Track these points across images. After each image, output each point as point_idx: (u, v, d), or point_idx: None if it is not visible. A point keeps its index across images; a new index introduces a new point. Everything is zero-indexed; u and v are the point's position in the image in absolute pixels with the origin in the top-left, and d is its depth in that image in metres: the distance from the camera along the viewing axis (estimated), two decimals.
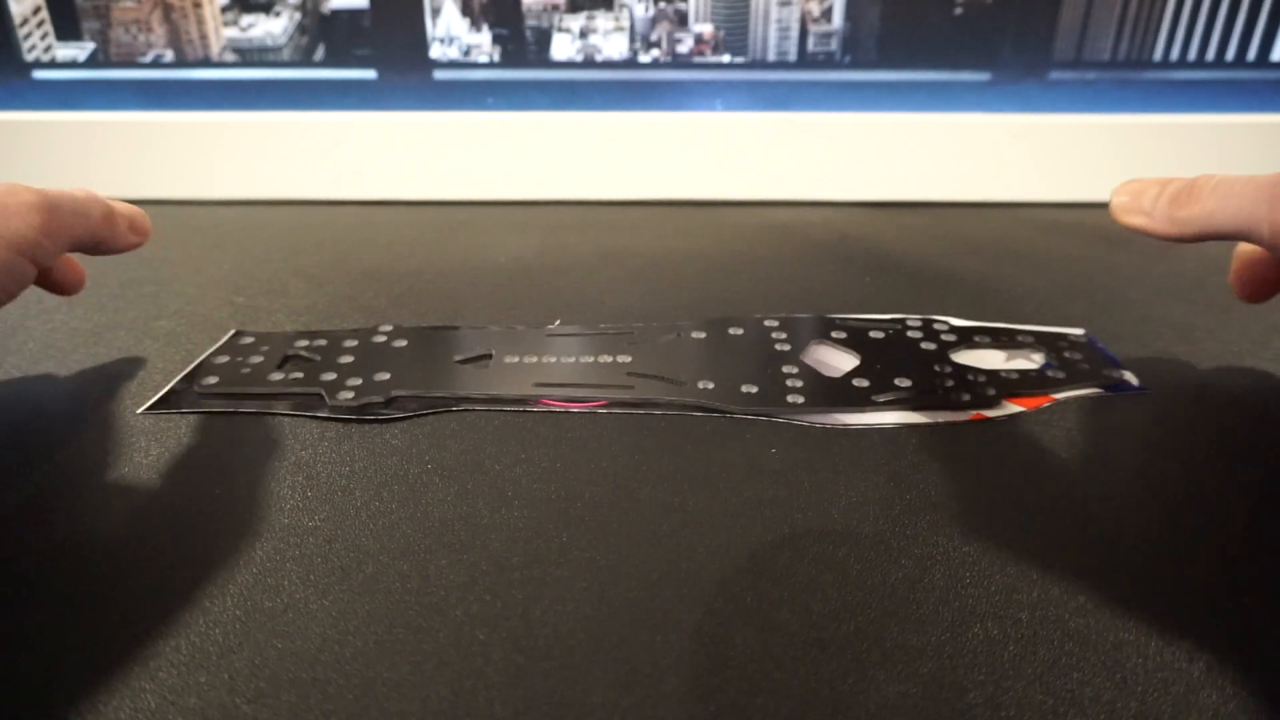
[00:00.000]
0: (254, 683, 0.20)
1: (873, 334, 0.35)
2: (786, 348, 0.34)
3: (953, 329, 0.36)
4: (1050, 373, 0.33)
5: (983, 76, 0.55)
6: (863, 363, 0.33)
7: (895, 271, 0.44)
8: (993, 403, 0.31)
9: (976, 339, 0.35)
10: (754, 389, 0.31)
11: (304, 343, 0.34)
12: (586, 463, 0.28)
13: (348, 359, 0.33)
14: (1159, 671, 0.20)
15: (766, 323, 0.36)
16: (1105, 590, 0.23)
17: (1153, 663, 0.21)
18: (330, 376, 0.32)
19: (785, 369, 0.32)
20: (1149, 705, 0.20)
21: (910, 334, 0.35)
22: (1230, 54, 0.54)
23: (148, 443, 0.29)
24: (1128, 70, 0.54)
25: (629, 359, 0.33)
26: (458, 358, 0.33)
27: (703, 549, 0.24)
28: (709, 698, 0.20)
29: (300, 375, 0.32)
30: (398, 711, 0.19)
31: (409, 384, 0.31)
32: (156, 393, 0.32)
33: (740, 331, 0.35)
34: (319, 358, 0.33)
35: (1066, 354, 0.34)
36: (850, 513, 0.26)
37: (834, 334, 0.35)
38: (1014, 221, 0.51)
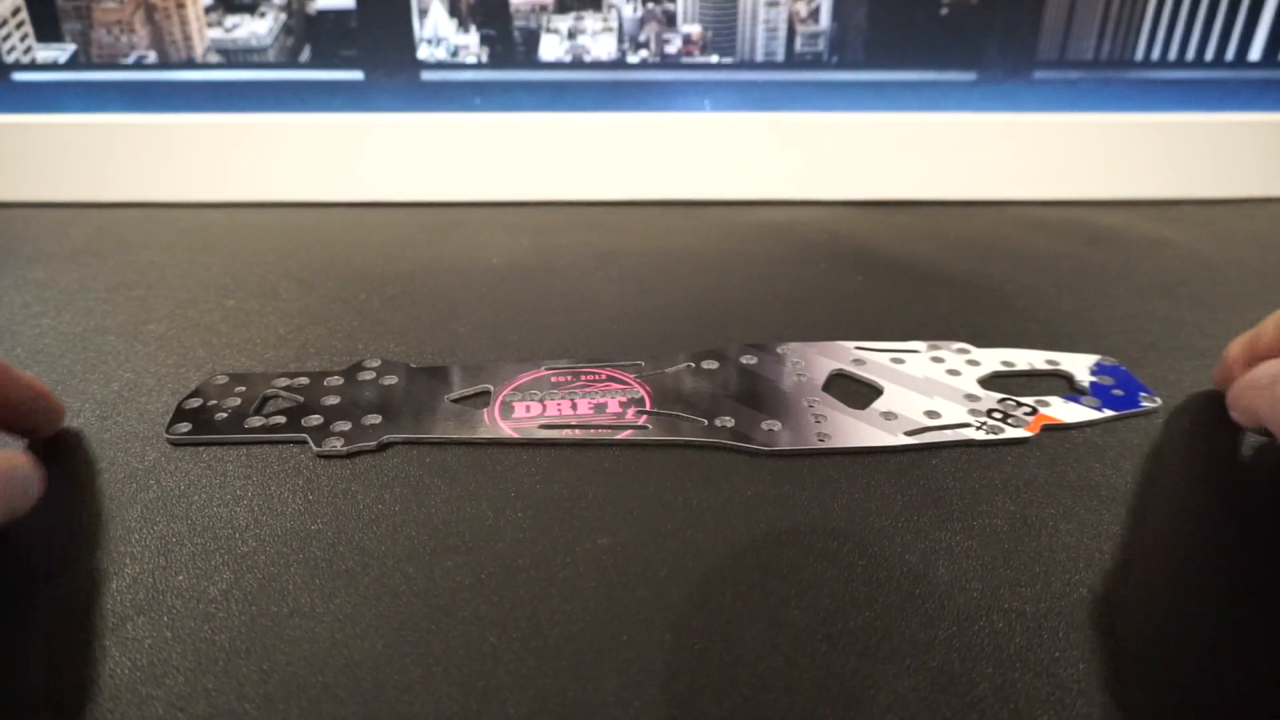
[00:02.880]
0: (262, 689, 0.20)
1: (893, 362, 0.33)
2: (805, 378, 0.32)
3: (974, 360, 0.34)
4: (1082, 402, 0.31)
5: (968, 76, 0.55)
6: (887, 394, 0.31)
7: (886, 269, 0.45)
8: (1022, 424, 0.30)
9: (1003, 364, 0.34)
10: (776, 425, 0.29)
11: (284, 382, 0.32)
12: (589, 462, 0.28)
13: (332, 399, 0.30)
14: (1163, 660, 0.21)
15: (780, 350, 0.34)
16: (1108, 583, 0.23)
17: (1157, 651, 0.21)
18: (315, 420, 0.29)
19: (806, 400, 0.31)
20: (1155, 694, 0.20)
21: (934, 361, 0.34)
22: (1210, 54, 0.54)
23: (143, 448, 0.29)
24: (1110, 70, 0.55)
25: (640, 394, 0.31)
26: (452, 396, 0.31)
27: (708, 547, 0.24)
28: (721, 695, 0.20)
29: (282, 419, 0.29)
30: (409, 715, 0.19)
31: (402, 427, 0.29)
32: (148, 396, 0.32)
33: (754, 361, 0.33)
34: (301, 398, 0.31)
35: (1095, 379, 0.33)
36: (853, 508, 0.26)
37: (854, 361, 0.33)
38: (1001, 219, 0.52)
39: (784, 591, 0.23)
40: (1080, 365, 0.34)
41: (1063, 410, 0.31)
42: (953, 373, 0.33)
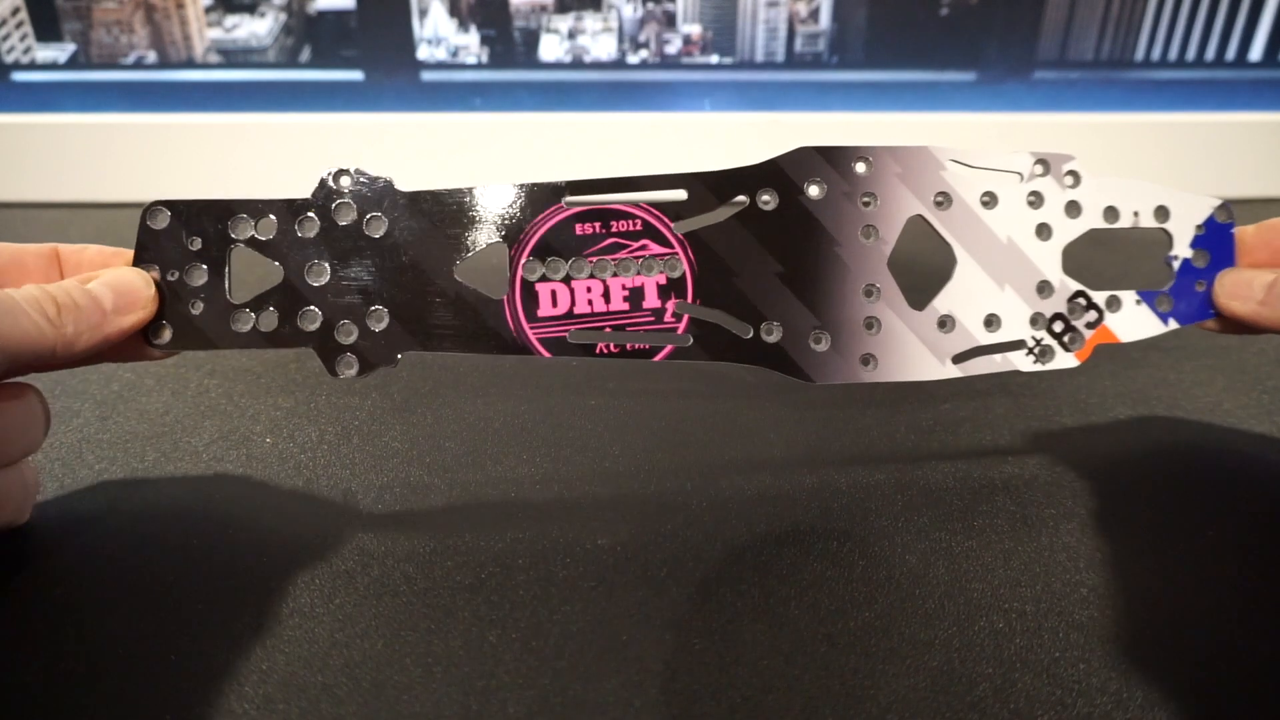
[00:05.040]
0: (262, 688, 0.20)
1: (983, 204, 0.27)
2: (875, 236, 0.27)
3: (1075, 204, 0.28)
4: (1155, 304, 0.29)
5: (968, 76, 0.55)
6: (957, 276, 0.27)
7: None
8: (1078, 342, 0.27)
9: (1105, 218, 0.29)
10: (825, 342, 0.26)
11: (247, 230, 0.25)
12: (588, 463, 0.28)
13: (319, 270, 0.25)
14: (1164, 660, 0.21)
15: (857, 169, 0.27)
16: (1108, 582, 0.23)
17: (1158, 652, 0.21)
18: (314, 318, 0.25)
19: (866, 289, 0.26)
20: (1154, 693, 0.20)
21: (1029, 206, 0.28)
22: (1210, 54, 0.54)
23: (143, 447, 0.29)
24: (1110, 70, 0.55)
25: (681, 268, 0.26)
26: (460, 262, 0.25)
27: (708, 547, 0.24)
28: (720, 695, 0.20)
29: (274, 314, 0.25)
30: (409, 714, 0.19)
31: (416, 328, 0.25)
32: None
33: (821, 194, 0.26)
34: (280, 267, 0.25)
35: (1190, 256, 0.29)
36: (853, 508, 0.26)
37: (937, 201, 0.27)
38: None
39: (784, 592, 0.23)
40: (1188, 224, 0.29)
41: (1129, 317, 0.28)
42: (1042, 231, 0.28)
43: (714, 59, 0.55)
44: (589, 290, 0.25)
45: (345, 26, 0.54)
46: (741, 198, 0.26)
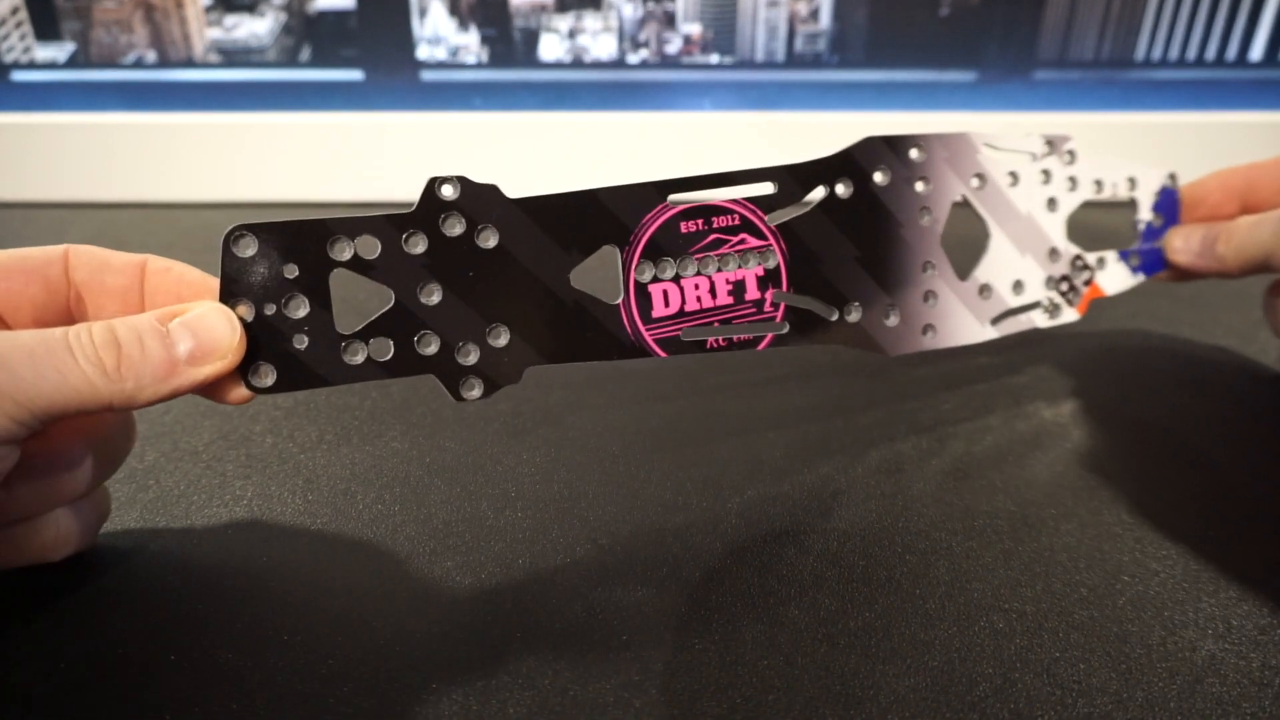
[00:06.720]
0: (262, 689, 0.20)
1: (1009, 182, 0.31)
2: (929, 216, 0.29)
3: (1074, 179, 0.33)
4: (1128, 261, 0.34)
5: (969, 76, 0.55)
6: (992, 249, 0.30)
7: None
8: (1078, 297, 0.33)
9: (1095, 189, 0.33)
10: (895, 317, 0.28)
11: (346, 251, 0.22)
12: (587, 463, 0.28)
13: (431, 289, 0.23)
14: (1163, 661, 0.21)
15: (914, 156, 0.29)
16: (1107, 582, 0.23)
17: (1156, 653, 0.21)
18: (431, 343, 0.23)
19: (924, 265, 0.29)
20: (1154, 694, 0.20)
21: (1042, 182, 0.32)
22: (1210, 54, 0.54)
23: (143, 447, 0.29)
24: (1111, 70, 0.55)
25: (776, 260, 0.26)
26: (574, 270, 0.24)
27: (708, 547, 0.24)
28: (720, 695, 0.20)
29: (389, 345, 0.23)
30: (409, 715, 0.19)
31: (538, 341, 0.24)
32: None
33: (887, 180, 0.28)
34: (391, 291, 0.23)
35: (1150, 220, 0.35)
36: (853, 508, 0.26)
37: (975, 183, 0.30)
38: None
39: (784, 592, 0.23)
40: (1148, 192, 0.35)
41: (1111, 273, 0.34)
42: (1051, 204, 0.32)
43: (714, 59, 0.55)
44: (697, 287, 0.26)
45: (345, 26, 0.54)
46: (822, 188, 0.28)
